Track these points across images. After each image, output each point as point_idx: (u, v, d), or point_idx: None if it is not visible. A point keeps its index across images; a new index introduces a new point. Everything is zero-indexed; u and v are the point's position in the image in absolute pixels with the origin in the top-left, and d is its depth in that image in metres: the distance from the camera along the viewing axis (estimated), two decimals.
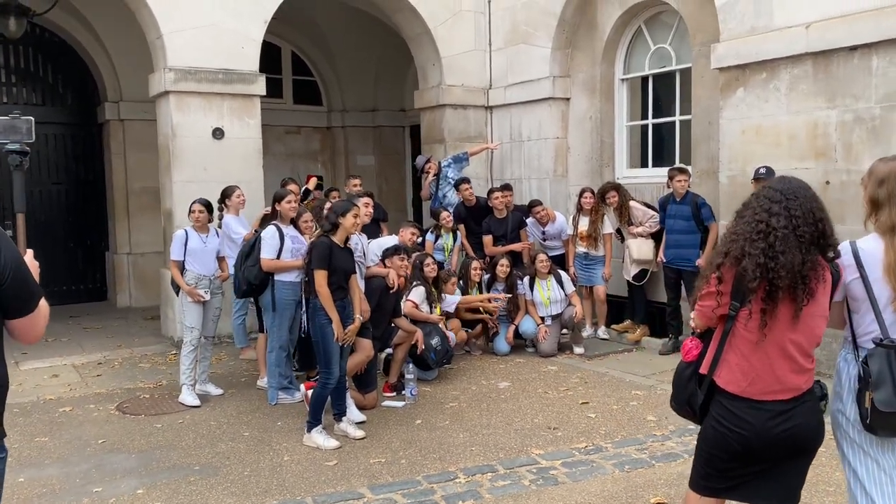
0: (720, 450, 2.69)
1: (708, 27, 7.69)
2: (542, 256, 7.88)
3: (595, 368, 7.29)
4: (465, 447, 5.23)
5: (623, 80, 9.20)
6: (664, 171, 8.63)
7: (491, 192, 8.77)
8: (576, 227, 8.38)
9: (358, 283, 5.67)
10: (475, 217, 8.75)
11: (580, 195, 8.35)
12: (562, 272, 7.99)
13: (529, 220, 8.70)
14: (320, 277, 5.24)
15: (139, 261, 11.42)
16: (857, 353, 2.69)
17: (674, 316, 7.84)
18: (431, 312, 7.04)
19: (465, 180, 8.90)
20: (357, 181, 8.93)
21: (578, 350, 7.85)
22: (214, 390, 6.67)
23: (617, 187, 8.16)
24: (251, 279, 5.81)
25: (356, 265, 5.64)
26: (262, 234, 5.85)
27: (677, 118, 8.64)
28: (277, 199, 6.20)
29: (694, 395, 2.75)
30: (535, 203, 8.67)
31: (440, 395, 6.50)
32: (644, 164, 9.08)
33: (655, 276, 8.27)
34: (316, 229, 6.26)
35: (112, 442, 5.50)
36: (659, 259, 7.84)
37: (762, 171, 6.62)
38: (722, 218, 7.48)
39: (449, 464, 4.93)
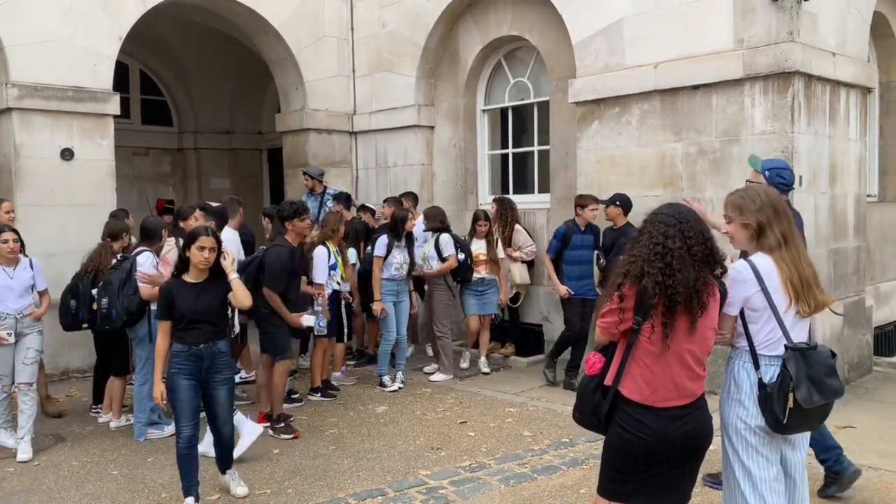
0: (626, 454, 2.90)
1: (564, 63, 8.20)
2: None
3: (467, 388, 7.47)
4: (351, 472, 5.20)
5: (484, 110, 9.58)
6: (525, 197, 9.05)
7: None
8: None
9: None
10: (345, 237, 8.66)
11: (475, 221, 7.98)
12: (447, 237, 7.71)
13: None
14: (160, 330, 4.56)
15: None
16: (755, 362, 3.01)
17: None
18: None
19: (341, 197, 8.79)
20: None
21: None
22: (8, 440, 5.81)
23: (512, 206, 8.25)
24: (132, 309, 5.47)
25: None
26: (138, 260, 5.55)
27: (535, 148, 9.11)
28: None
29: (599, 405, 2.95)
30: (406, 193, 8.90)
31: (318, 422, 6.42)
32: (505, 191, 9.46)
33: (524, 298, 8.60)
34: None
35: None
36: (565, 293, 7.26)
37: (616, 198, 7.06)
38: None
39: (337, 490, 4.89)
